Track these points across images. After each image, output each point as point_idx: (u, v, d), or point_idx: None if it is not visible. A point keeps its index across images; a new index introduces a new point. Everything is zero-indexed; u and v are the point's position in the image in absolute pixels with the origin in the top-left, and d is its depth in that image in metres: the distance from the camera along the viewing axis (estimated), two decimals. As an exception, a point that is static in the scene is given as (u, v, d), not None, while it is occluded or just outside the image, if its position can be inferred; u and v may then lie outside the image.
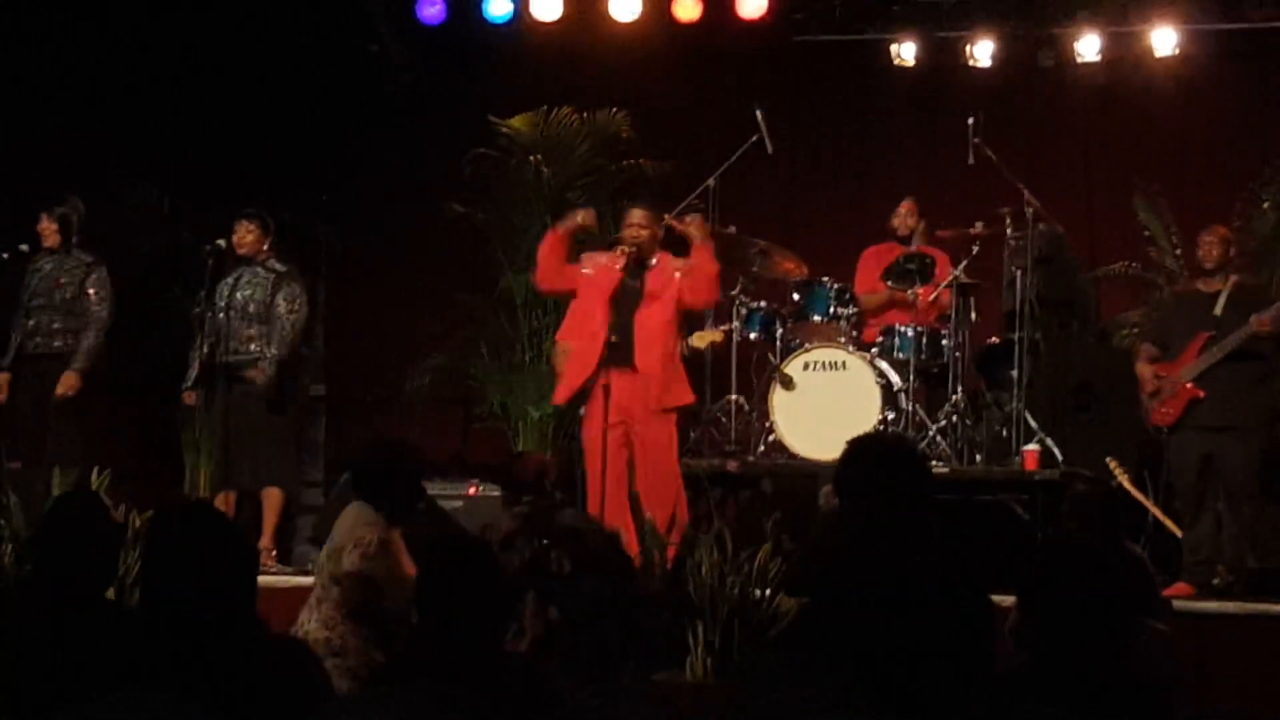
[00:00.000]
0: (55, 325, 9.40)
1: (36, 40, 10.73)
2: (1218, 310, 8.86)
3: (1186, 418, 8.82)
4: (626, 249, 8.52)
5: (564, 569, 6.26)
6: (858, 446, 5.15)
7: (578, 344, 8.67)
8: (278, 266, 9.50)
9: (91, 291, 9.43)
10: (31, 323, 9.42)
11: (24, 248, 9.50)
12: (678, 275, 8.59)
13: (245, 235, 9.43)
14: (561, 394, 8.77)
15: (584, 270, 8.73)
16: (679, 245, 9.35)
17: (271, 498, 9.38)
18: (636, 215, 8.71)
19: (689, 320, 9.12)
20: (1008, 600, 3.90)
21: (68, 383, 9.28)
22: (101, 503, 4.97)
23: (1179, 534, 9.08)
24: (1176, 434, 8.88)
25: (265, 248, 9.46)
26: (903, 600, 3.34)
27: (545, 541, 6.51)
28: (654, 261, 8.66)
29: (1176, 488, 9.00)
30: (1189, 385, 8.78)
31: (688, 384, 8.79)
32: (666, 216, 9.41)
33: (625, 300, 8.56)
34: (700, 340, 9.53)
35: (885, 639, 3.32)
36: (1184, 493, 8.91)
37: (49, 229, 9.47)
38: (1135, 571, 6.86)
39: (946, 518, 9.12)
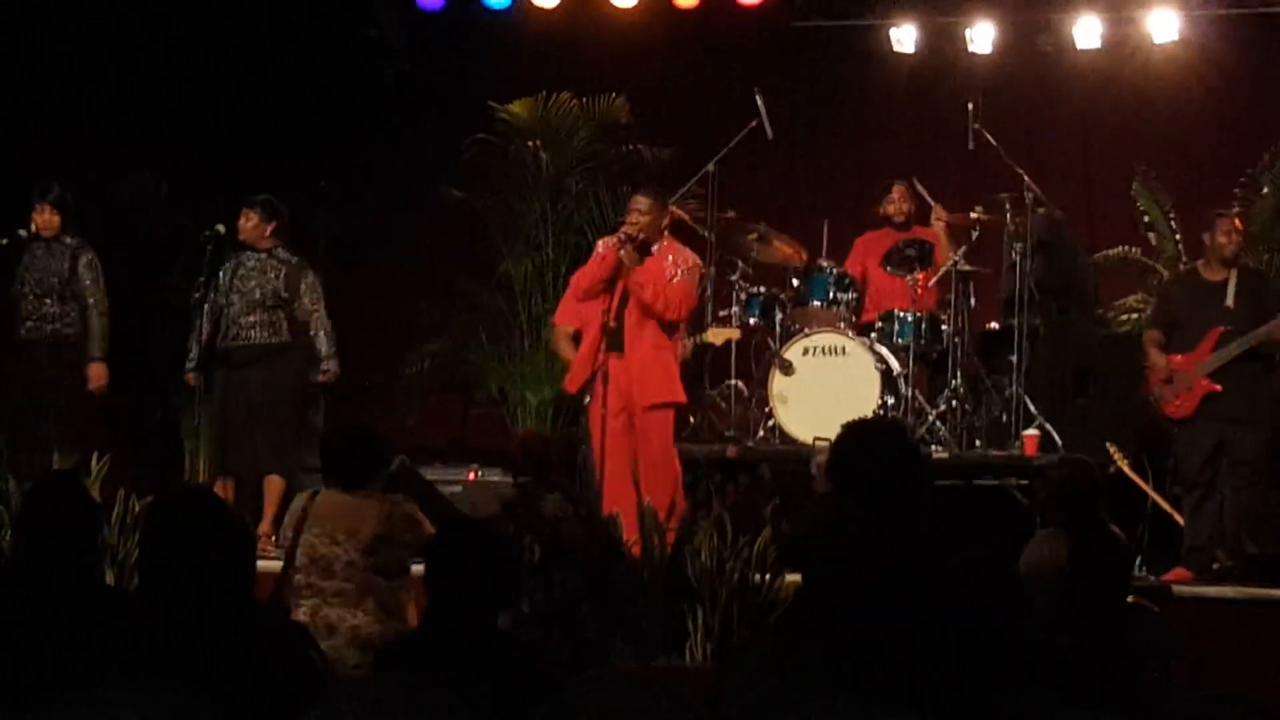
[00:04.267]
0: (53, 310, 9.40)
1: (36, 26, 10.71)
2: (1229, 301, 8.83)
3: (1200, 410, 8.81)
4: (620, 238, 8.55)
5: (534, 558, 6.27)
6: (851, 431, 5.14)
7: (589, 330, 8.70)
8: (289, 256, 9.48)
9: (87, 276, 9.44)
10: (29, 308, 9.40)
11: (23, 233, 9.49)
12: (668, 266, 8.60)
13: (244, 222, 9.42)
14: (572, 382, 8.80)
15: (597, 249, 8.79)
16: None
17: (273, 485, 9.37)
18: (640, 201, 8.72)
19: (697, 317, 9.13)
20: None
21: (99, 375, 9.35)
22: (80, 483, 4.94)
23: (1179, 519, 9.08)
24: (1189, 425, 8.86)
25: (267, 234, 9.45)
26: (894, 584, 3.35)
27: (518, 529, 6.51)
28: (655, 249, 8.66)
29: (1183, 475, 8.99)
30: (1204, 380, 8.76)
31: (677, 381, 8.77)
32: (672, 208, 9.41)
33: (623, 289, 8.59)
34: (716, 336, 9.52)
35: (874, 622, 3.32)
36: (1190, 480, 8.89)
37: (52, 219, 9.43)
38: (1118, 556, 6.85)
39: (946, 502, 9.18)
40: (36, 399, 9.33)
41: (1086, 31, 11.19)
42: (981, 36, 11.28)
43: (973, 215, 10.07)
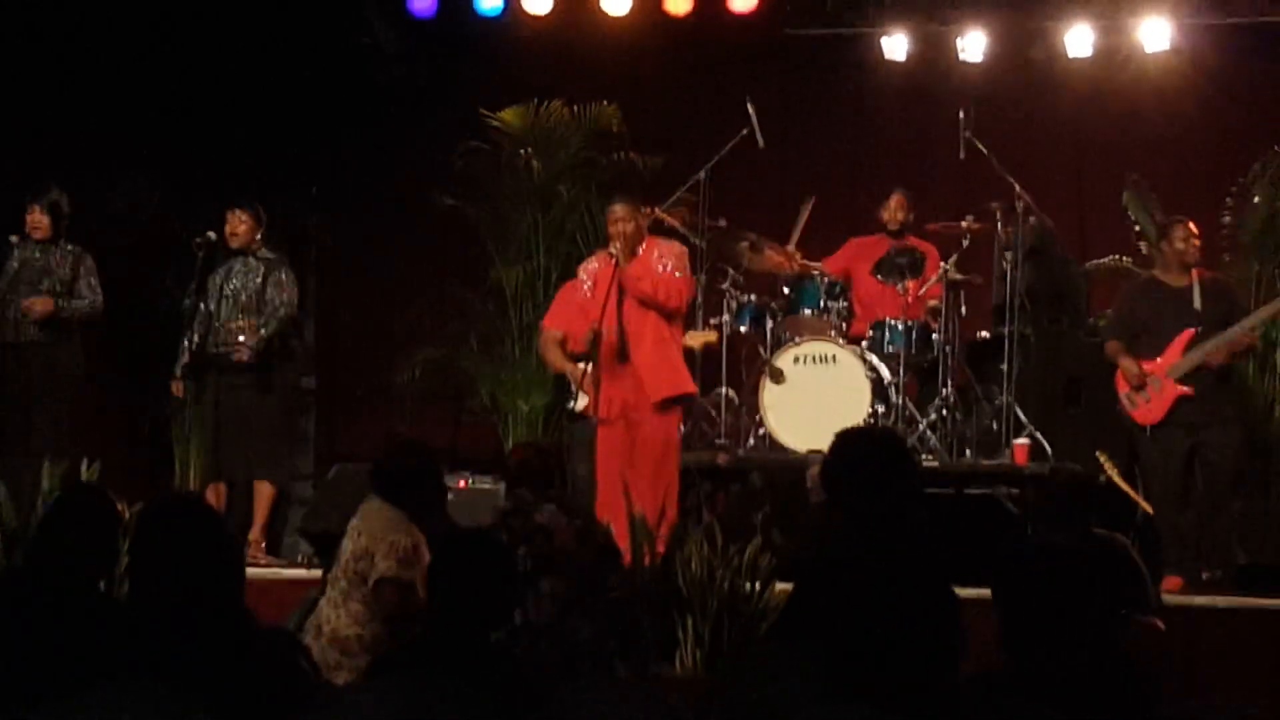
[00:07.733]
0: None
1: (28, 31, 10.70)
2: (1196, 304, 8.85)
3: (1171, 416, 8.80)
4: (613, 252, 8.55)
5: (526, 568, 6.26)
6: (846, 440, 5.13)
7: (594, 350, 8.67)
8: (268, 255, 9.51)
9: (88, 280, 9.42)
10: (14, 311, 9.35)
11: (14, 238, 9.48)
12: (655, 261, 8.59)
13: (238, 226, 9.43)
14: (592, 406, 8.67)
15: (584, 286, 8.74)
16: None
17: (263, 491, 9.39)
18: (617, 210, 8.70)
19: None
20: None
21: (43, 306, 9.24)
22: (108, 496, 4.94)
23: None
24: (1161, 431, 8.85)
25: (258, 238, 9.47)
26: (883, 594, 3.34)
27: (512, 540, 6.49)
28: (639, 252, 8.66)
29: (1158, 483, 8.96)
30: (1176, 384, 8.76)
31: (685, 373, 8.74)
32: (657, 210, 9.41)
33: (619, 296, 8.58)
34: (694, 340, 9.50)
35: (864, 632, 3.32)
36: (1168, 488, 8.87)
37: (41, 220, 9.41)
38: (1118, 565, 6.85)
39: (937, 511, 9.17)
40: (26, 403, 9.30)
41: (1078, 40, 11.21)
42: (973, 45, 11.30)
43: (963, 225, 10.08)
